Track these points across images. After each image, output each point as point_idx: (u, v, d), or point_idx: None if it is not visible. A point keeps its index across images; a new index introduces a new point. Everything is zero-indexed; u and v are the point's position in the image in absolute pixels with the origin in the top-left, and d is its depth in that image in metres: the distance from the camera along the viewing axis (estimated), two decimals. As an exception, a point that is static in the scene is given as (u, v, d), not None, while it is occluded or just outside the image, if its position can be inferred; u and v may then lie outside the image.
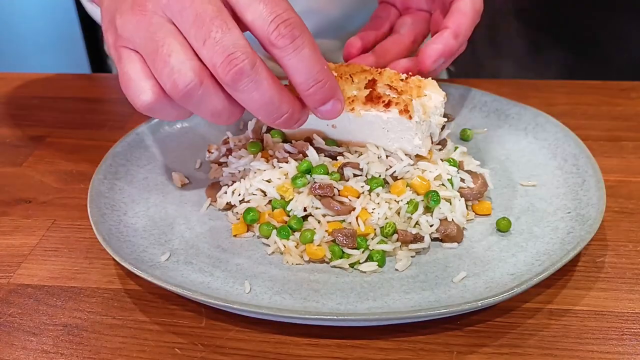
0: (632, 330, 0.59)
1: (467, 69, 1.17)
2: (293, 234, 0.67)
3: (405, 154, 0.69)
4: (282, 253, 0.66)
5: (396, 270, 0.64)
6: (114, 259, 0.64)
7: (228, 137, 0.78)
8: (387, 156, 0.69)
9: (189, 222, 0.71)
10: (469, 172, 0.72)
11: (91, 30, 2.18)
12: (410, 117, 0.66)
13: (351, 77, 0.71)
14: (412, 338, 0.59)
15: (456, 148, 0.76)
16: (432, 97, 0.70)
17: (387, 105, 0.66)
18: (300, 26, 0.56)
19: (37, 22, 2.23)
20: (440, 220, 0.67)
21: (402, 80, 0.71)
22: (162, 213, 0.72)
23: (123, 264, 0.61)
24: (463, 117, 0.87)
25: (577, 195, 0.70)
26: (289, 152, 0.71)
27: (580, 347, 0.58)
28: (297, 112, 0.61)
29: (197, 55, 0.56)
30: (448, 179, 0.69)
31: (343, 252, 0.65)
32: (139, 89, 0.58)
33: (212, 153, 0.78)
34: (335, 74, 0.70)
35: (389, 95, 0.67)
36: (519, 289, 0.57)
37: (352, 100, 0.67)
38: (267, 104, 0.58)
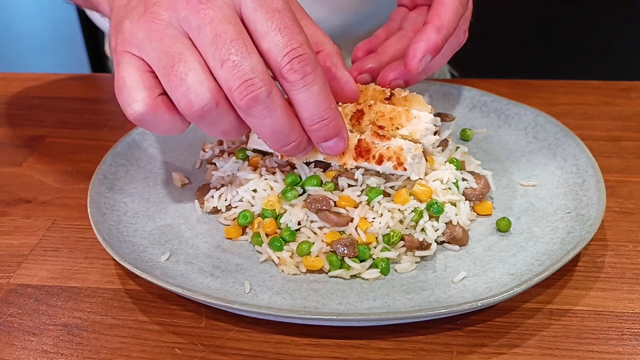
0: (632, 330, 0.59)
1: (466, 70, 1.17)
2: (287, 245, 0.65)
3: None
4: (276, 264, 0.65)
5: (396, 271, 0.64)
6: (114, 259, 0.64)
7: None
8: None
9: (189, 222, 0.71)
10: (471, 172, 0.72)
11: (91, 31, 2.18)
12: (405, 169, 0.65)
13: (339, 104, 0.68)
14: (412, 338, 0.59)
15: (457, 148, 0.76)
16: (420, 117, 0.67)
17: (379, 161, 0.65)
18: (313, 63, 0.56)
19: (37, 22, 2.23)
20: (446, 223, 0.67)
21: (386, 99, 0.70)
22: (162, 213, 0.72)
23: (123, 264, 0.61)
24: (463, 117, 0.87)
25: (577, 195, 0.70)
26: (277, 164, 0.70)
27: (580, 347, 0.58)
28: (304, 142, 0.60)
29: (212, 74, 0.55)
30: (454, 182, 0.69)
31: (342, 263, 0.63)
32: (132, 97, 0.56)
33: (206, 152, 0.78)
34: None
35: (377, 145, 0.65)
36: (519, 289, 0.57)
37: (343, 154, 0.65)
38: (277, 132, 0.58)
